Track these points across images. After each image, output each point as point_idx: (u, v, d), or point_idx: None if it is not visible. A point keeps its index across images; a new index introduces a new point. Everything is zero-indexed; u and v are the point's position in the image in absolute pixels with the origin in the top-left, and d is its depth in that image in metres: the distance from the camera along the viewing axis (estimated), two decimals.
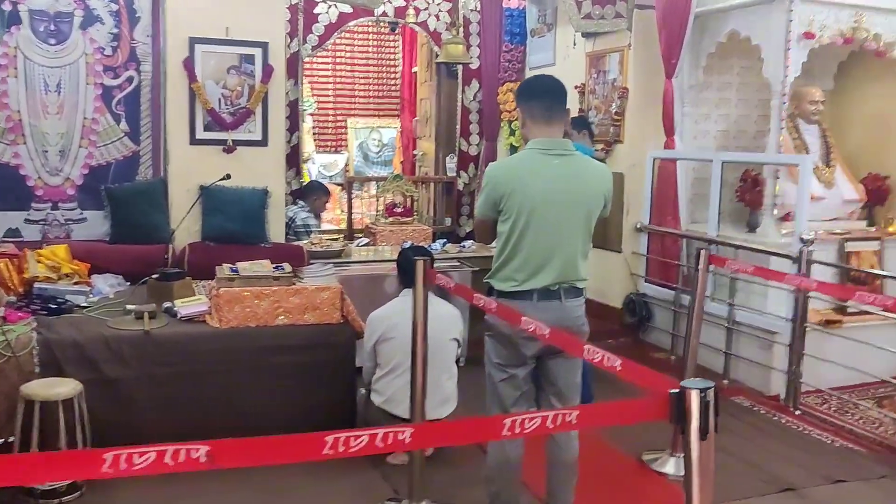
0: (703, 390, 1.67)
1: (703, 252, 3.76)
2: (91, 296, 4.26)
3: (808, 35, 5.24)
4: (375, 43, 10.95)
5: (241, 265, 4.08)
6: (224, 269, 4.04)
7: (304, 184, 6.69)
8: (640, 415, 1.71)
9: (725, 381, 5.29)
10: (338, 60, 10.87)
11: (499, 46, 7.48)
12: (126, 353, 3.69)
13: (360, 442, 1.42)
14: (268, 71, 4.97)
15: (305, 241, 5.50)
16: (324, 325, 4.02)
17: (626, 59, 6.16)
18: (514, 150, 7.57)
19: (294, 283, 4.03)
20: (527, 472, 3.20)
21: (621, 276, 6.32)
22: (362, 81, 11.04)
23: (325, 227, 8.91)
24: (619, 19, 5.92)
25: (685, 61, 5.92)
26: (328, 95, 10.94)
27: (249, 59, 4.94)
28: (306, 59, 10.36)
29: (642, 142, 6.18)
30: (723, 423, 4.44)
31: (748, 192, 5.70)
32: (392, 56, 11.03)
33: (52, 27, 4.64)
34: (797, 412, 4.74)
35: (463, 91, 7.59)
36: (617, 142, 6.30)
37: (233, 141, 4.95)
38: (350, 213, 7.53)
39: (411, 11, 6.90)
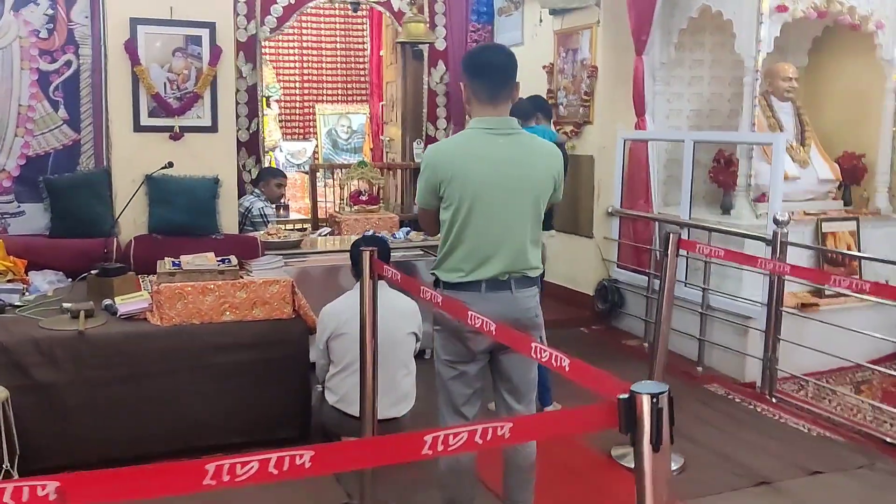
0: (655, 395, 1.46)
1: (672, 236, 3.56)
2: (27, 294, 4.01)
3: (781, 8, 5.05)
4: (343, 26, 10.69)
5: (184, 258, 3.84)
6: (165, 263, 3.81)
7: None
8: (585, 424, 1.51)
9: (699, 369, 5.13)
10: (304, 45, 10.60)
11: (466, 26, 7.23)
12: (58, 356, 3.44)
13: (249, 469, 1.21)
14: (216, 53, 4.71)
15: (262, 232, 5.25)
16: (274, 321, 3.79)
17: (594, 36, 5.94)
18: None
19: (241, 277, 3.79)
20: (484, 469, 3.02)
21: (593, 262, 6.13)
22: (330, 66, 10.78)
23: (292, 216, 8.70)
24: None
25: (656, 38, 5.74)
26: (295, 81, 10.67)
27: (196, 40, 4.67)
28: (270, 44, 10.24)
29: (613, 123, 5.98)
30: (695, 413, 4.31)
31: (721, 173, 5.52)
32: (360, 40, 10.77)
33: None
34: (774, 400, 4.57)
35: (429, 73, 7.33)
36: (586, 123, 6.10)
37: (180, 127, 4.69)
38: (315, 201, 7.28)
39: None
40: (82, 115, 4.60)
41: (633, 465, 3.64)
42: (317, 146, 10.75)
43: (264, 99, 10.15)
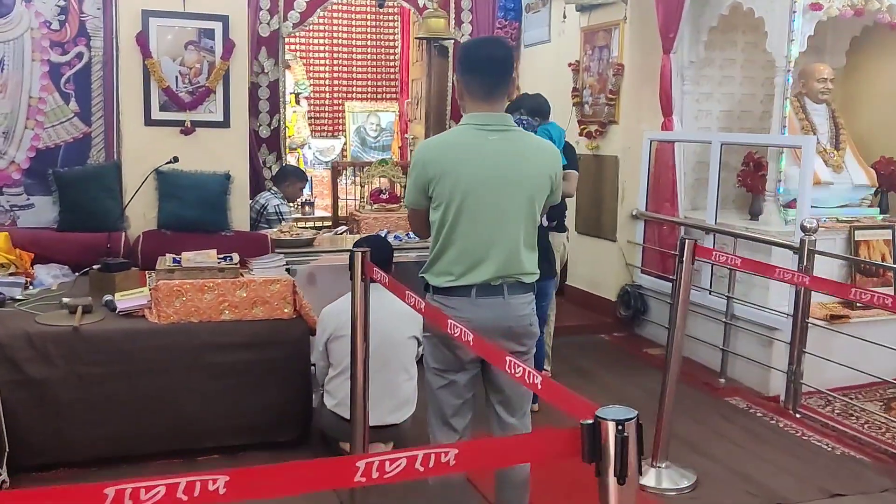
0: (621, 422, 1.32)
1: (687, 242, 3.38)
2: (31, 287, 3.97)
3: (815, 6, 4.82)
4: (374, 23, 10.59)
5: (185, 255, 3.77)
6: (166, 260, 3.74)
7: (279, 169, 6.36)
8: (546, 452, 1.36)
9: (722, 380, 4.93)
10: (335, 42, 10.53)
11: (492, 23, 7.08)
12: (52, 352, 3.38)
13: (155, 494, 1.09)
14: (228, 47, 4.63)
15: (275, 230, 5.17)
16: (273, 321, 3.70)
17: (621, 33, 5.75)
18: None
19: (241, 276, 3.71)
20: (478, 476, 2.89)
21: (616, 267, 5.94)
22: (360, 63, 10.69)
23: (318, 213, 8.62)
24: None
25: (685, 36, 5.54)
26: (324, 78, 10.60)
27: (209, 33, 4.60)
28: (300, 40, 10.21)
29: (638, 123, 5.79)
30: (714, 427, 4.12)
31: (750, 177, 5.29)
32: (391, 37, 10.67)
33: None
34: (797, 415, 4.36)
35: (454, 70, 7.21)
36: (612, 122, 5.91)
37: (191, 122, 4.63)
38: (335, 199, 7.20)
39: None
40: (93, 108, 4.56)
41: (640, 481, 3.50)
42: (345, 144, 10.68)
43: (294, 96, 10.24)
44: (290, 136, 10.30)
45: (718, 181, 5.12)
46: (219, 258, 3.79)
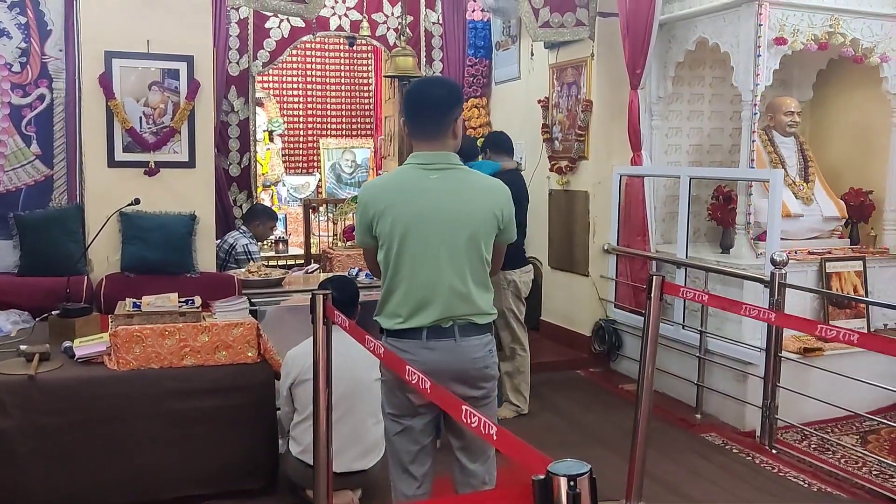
0: (573, 477, 1.26)
1: (655, 279, 3.34)
2: None
3: (780, 41, 4.86)
4: (348, 61, 10.61)
5: (145, 299, 3.68)
6: (126, 305, 3.65)
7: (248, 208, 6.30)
8: None
9: (698, 416, 4.87)
10: (309, 79, 10.53)
11: (463, 60, 7.13)
12: (6, 401, 3.26)
13: None
14: (193, 87, 4.59)
15: (243, 270, 5.09)
16: (237, 366, 3.61)
17: (589, 69, 5.78)
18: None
19: (203, 319, 3.62)
20: None
21: (589, 301, 5.91)
22: (335, 100, 10.69)
23: (292, 251, 8.53)
24: (580, 28, 5.56)
25: (652, 71, 5.57)
26: (299, 115, 10.59)
27: (173, 73, 4.57)
28: (273, 78, 10.19)
29: (609, 158, 5.80)
30: (690, 466, 4.05)
31: (720, 210, 5.30)
32: (365, 74, 10.70)
33: None
34: (774, 451, 4.31)
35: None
36: (582, 158, 5.91)
37: (155, 163, 4.57)
38: (308, 237, 7.16)
39: (365, 25, 6.53)
40: (55, 150, 4.51)
41: None
42: (320, 180, 10.64)
43: (267, 133, 10.21)
44: (264, 174, 10.26)
45: (688, 215, 5.12)
46: (180, 302, 3.70)
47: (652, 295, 3.34)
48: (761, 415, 4.41)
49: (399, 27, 6.17)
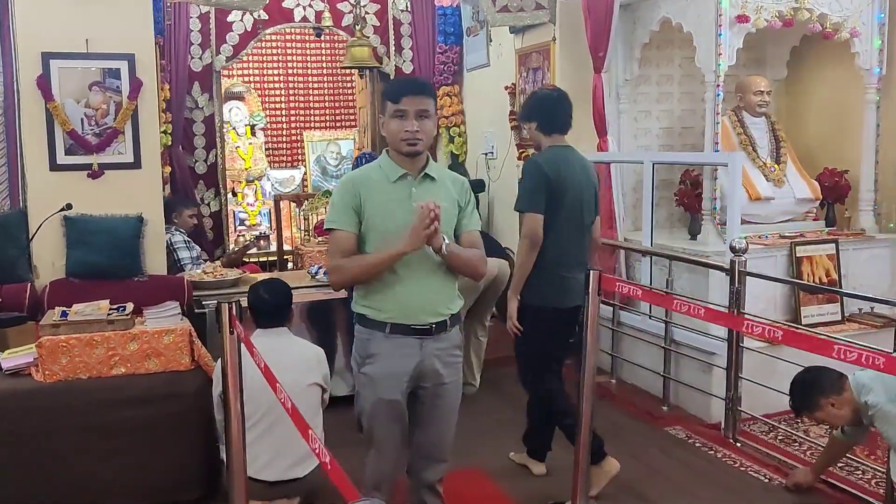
0: None
1: (592, 273, 3.21)
2: None
3: (742, 18, 4.69)
4: (329, 51, 10.46)
5: (75, 307, 3.59)
6: (54, 314, 3.55)
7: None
8: None
9: (665, 408, 4.75)
10: (290, 72, 10.39)
11: (432, 48, 6.98)
12: None
13: None
14: (135, 86, 4.47)
15: (199, 271, 4.97)
16: (170, 374, 3.52)
17: (552, 54, 5.62)
18: (454, 157, 7.07)
19: (132, 327, 3.52)
20: None
21: None
22: (317, 93, 10.55)
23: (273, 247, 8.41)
24: (540, 11, 5.40)
25: (618, 54, 5.43)
26: (281, 109, 10.46)
27: (114, 73, 4.44)
28: (255, 72, 10.06)
29: (576, 144, 5.50)
30: (650, 463, 3.92)
31: (687, 196, 5.15)
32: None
33: None
34: (738, 444, 4.18)
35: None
36: None
37: (99, 164, 4.45)
38: (280, 233, 7.04)
39: (327, 15, 6.39)
40: None
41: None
42: (305, 173, 10.52)
43: (249, 128, 10.10)
44: (247, 169, 10.16)
45: (652, 202, 4.98)
46: (111, 308, 3.60)
47: (590, 290, 3.22)
48: (725, 407, 4.28)
49: (355, 16, 6.01)
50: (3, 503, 3.29)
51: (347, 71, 10.56)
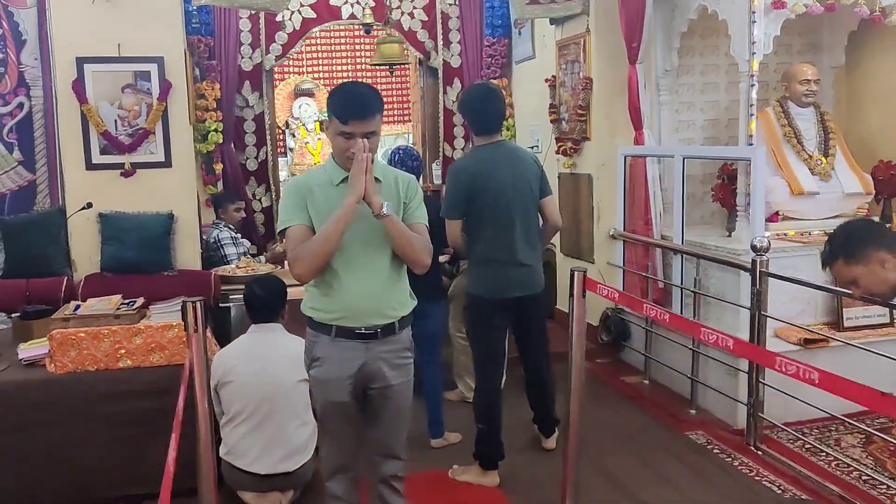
0: None
1: (577, 275, 3.13)
2: None
3: (778, 4, 4.44)
4: None
5: (89, 302, 3.76)
6: (68, 307, 3.73)
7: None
8: None
9: (692, 411, 4.58)
10: (358, 68, 10.53)
11: (481, 41, 6.92)
12: None
13: None
14: (165, 87, 4.64)
15: (232, 266, 5.11)
16: (173, 367, 3.61)
17: (587, 45, 5.48)
18: None
19: (138, 322, 3.66)
20: None
21: None
22: (385, 88, 10.64)
23: None
24: (572, 1, 5.27)
25: (658, 43, 5.25)
26: None
27: (145, 75, 4.63)
28: (323, 68, 10.24)
29: (611, 138, 5.50)
30: (660, 468, 3.81)
31: (723, 191, 4.93)
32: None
33: None
34: (759, 452, 3.99)
35: (444, 92, 7.08)
36: (584, 139, 5.63)
37: (131, 164, 4.65)
38: None
39: (368, 11, 6.42)
40: (36, 156, 4.67)
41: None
42: None
43: (318, 123, 10.30)
44: (316, 164, 10.39)
45: (683, 197, 4.79)
46: (122, 303, 3.76)
47: (575, 293, 3.15)
48: (747, 413, 4.09)
49: (387, 13, 6.01)
50: (12, 488, 3.48)
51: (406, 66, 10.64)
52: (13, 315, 4.03)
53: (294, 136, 10.17)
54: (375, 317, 2.67)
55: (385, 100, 8.36)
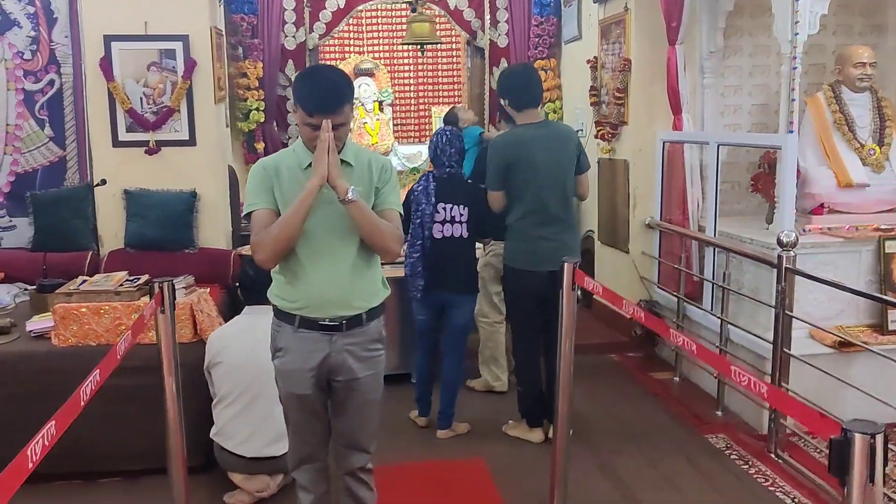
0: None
1: (566, 266, 2.97)
2: None
3: None
4: (447, 28, 10.38)
5: (95, 277, 3.80)
6: (75, 283, 3.78)
7: None
8: None
9: (719, 413, 4.35)
10: (412, 48, 10.41)
11: (528, 20, 6.73)
12: None
13: None
14: (190, 66, 4.65)
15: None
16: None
17: (628, 25, 5.24)
18: None
19: (138, 299, 3.68)
20: None
21: (631, 281, 5.42)
22: (446, 68, 10.51)
23: None
24: None
25: (702, 24, 4.96)
26: (409, 84, 10.53)
27: (170, 54, 4.65)
28: (384, 48, 10.18)
29: (650, 123, 5.25)
30: (669, 473, 3.65)
31: (762, 180, 4.64)
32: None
33: None
34: (780, 460, 3.75)
35: (490, 72, 6.93)
36: (622, 123, 5.40)
37: (156, 141, 4.69)
38: None
39: None
40: (66, 132, 4.75)
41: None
42: None
43: (377, 104, 10.26)
44: (373, 144, 10.36)
45: (717, 186, 4.53)
46: (127, 279, 3.79)
47: (564, 285, 3.00)
48: (768, 417, 3.85)
49: None
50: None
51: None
52: (29, 288, 4.11)
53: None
54: (340, 308, 2.56)
55: (435, 80, 8.24)
